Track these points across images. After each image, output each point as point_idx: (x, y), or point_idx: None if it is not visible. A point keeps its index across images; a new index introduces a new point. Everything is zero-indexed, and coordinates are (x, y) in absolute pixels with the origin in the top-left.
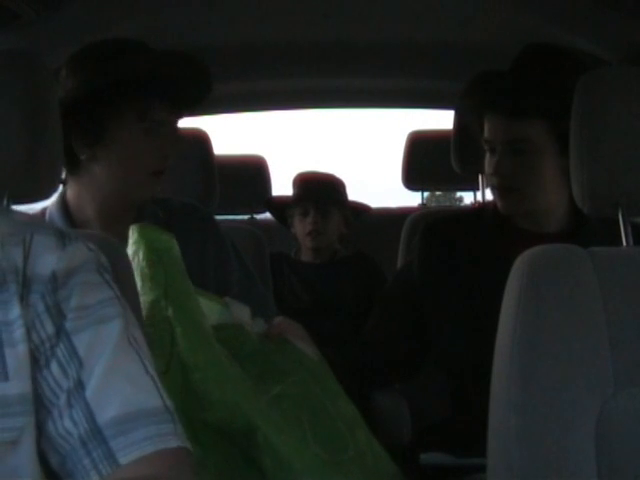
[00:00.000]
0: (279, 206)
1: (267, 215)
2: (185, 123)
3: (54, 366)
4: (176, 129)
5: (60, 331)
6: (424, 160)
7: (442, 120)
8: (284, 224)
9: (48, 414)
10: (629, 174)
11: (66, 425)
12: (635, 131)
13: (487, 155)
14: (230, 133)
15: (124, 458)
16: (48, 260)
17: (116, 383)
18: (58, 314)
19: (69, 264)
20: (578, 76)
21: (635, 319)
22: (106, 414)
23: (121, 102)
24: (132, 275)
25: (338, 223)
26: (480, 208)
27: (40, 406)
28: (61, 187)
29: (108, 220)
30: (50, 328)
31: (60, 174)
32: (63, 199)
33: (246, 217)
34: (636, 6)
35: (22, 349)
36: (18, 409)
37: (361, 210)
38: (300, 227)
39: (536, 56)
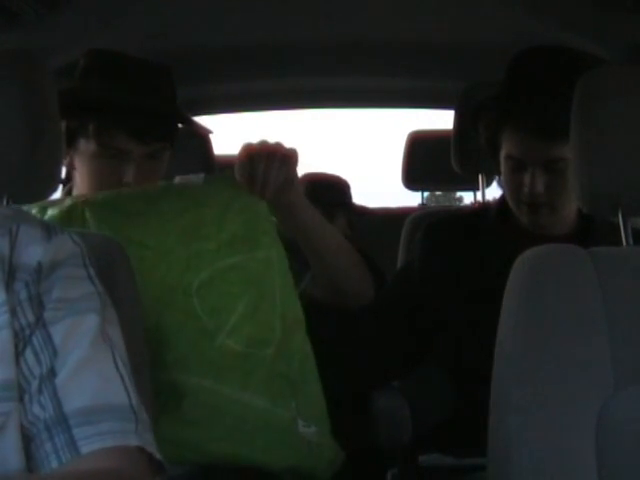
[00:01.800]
0: None
1: None
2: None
3: (28, 353)
4: (146, 159)
5: (39, 320)
6: (424, 160)
7: (442, 120)
8: None
9: (20, 401)
10: (629, 174)
11: (34, 410)
12: (635, 131)
13: (509, 170)
14: (230, 133)
15: (85, 447)
16: (34, 250)
17: (87, 376)
18: (39, 305)
19: (54, 257)
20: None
21: (635, 319)
22: (73, 404)
23: (86, 124)
24: (132, 275)
25: (342, 225)
26: (481, 208)
27: None
28: (60, 189)
29: None
30: (30, 316)
31: (60, 174)
32: (68, 194)
33: None
34: (636, 6)
35: (6, 334)
36: (3, 394)
37: (363, 212)
38: None
39: (557, 68)
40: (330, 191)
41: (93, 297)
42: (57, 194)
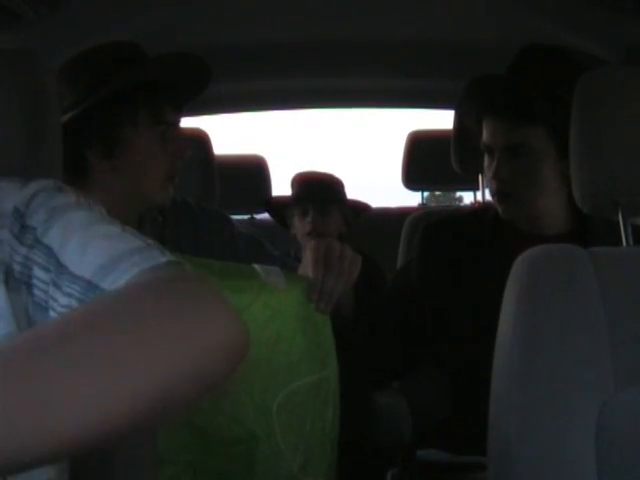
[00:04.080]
0: (278, 207)
1: (267, 215)
2: (185, 123)
3: (36, 270)
4: (181, 130)
5: (33, 243)
6: (424, 160)
7: (442, 120)
8: (284, 226)
9: (47, 310)
10: (629, 174)
11: (63, 302)
12: (635, 131)
13: (485, 159)
14: (230, 133)
15: (116, 285)
16: (10, 199)
17: (94, 245)
18: (27, 232)
19: (31, 192)
20: (578, 78)
21: (635, 319)
22: (90, 269)
23: (136, 108)
24: None
25: (338, 222)
26: (480, 209)
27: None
28: None
29: None
30: (23, 250)
31: (60, 174)
32: None
33: (246, 217)
34: (636, 6)
35: (1, 290)
36: None
37: (361, 209)
38: (300, 227)
39: (535, 59)
40: (324, 189)
41: (80, 204)
42: None
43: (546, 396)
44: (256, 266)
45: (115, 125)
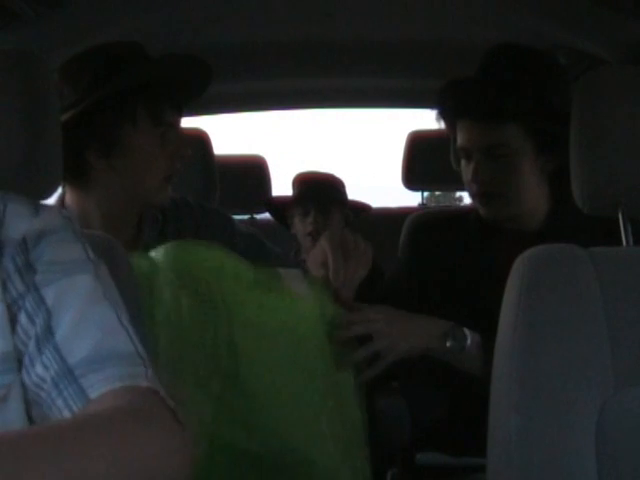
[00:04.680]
0: (279, 206)
1: (267, 215)
2: (185, 123)
3: (22, 317)
4: (181, 131)
5: (29, 285)
6: (424, 160)
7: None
8: (284, 225)
9: (21, 366)
10: (629, 174)
11: (38, 371)
12: (635, 131)
13: (462, 162)
14: (230, 133)
15: (94, 393)
16: (20, 226)
17: (87, 329)
18: (28, 271)
19: (41, 227)
20: (549, 74)
21: (635, 319)
22: (77, 355)
23: (136, 108)
24: (131, 275)
25: (339, 223)
26: (469, 208)
27: None
28: (59, 191)
29: (111, 227)
30: (20, 286)
31: (60, 174)
32: (61, 206)
33: (246, 217)
34: (636, 6)
35: (0, 309)
36: (3, 367)
37: (361, 209)
38: (301, 227)
39: (503, 57)
40: (325, 189)
41: (86, 263)
42: (56, 195)
43: (546, 396)
44: (280, 270)
45: (114, 125)
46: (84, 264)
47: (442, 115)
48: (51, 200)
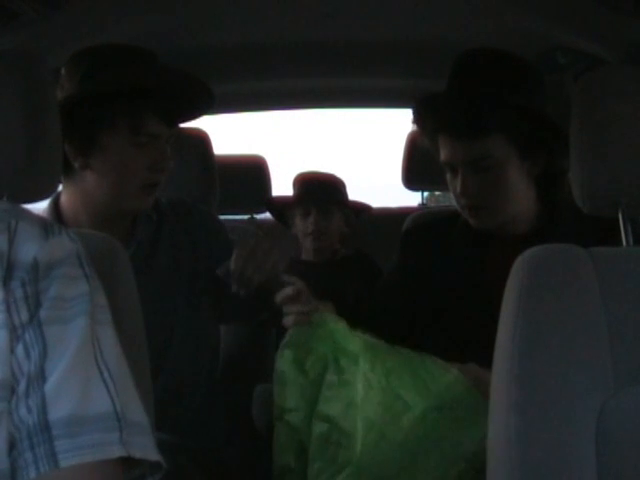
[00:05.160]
0: (279, 206)
1: (267, 215)
2: (185, 123)
3: (19, 348)
4: (170, 141)
5: (34, 317)
6: (424, 160)
7: None
8: (284, 224)
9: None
10: (629, 174)
11: (21, 413)
12: (635, 131)
13: (448, 176)
14: (230, 133)
15: (64, 461)
16: (31, 248)
17: (74, 383)
18: (35, 303)
19: (52, 256)
20: (522, 78)
21: (635, 319)
22: (58, 412)
23: (116, 113)
24: (131, 275)
25: (339, 223)
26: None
27: None
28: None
29: (102, 226)
30: (25, 315)
31: (60, 174)
32: (56, 204)
33: (246, 217)
34: (636, 6)
35: (3, 335)
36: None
37: (362, 209)
38: (301, 227)
39: (474, 66)
40: (326, 189)
41: (86, 299)
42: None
43: (546, 396)
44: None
45: (91, 124)
46: (84, 301)
47: (421, 131)
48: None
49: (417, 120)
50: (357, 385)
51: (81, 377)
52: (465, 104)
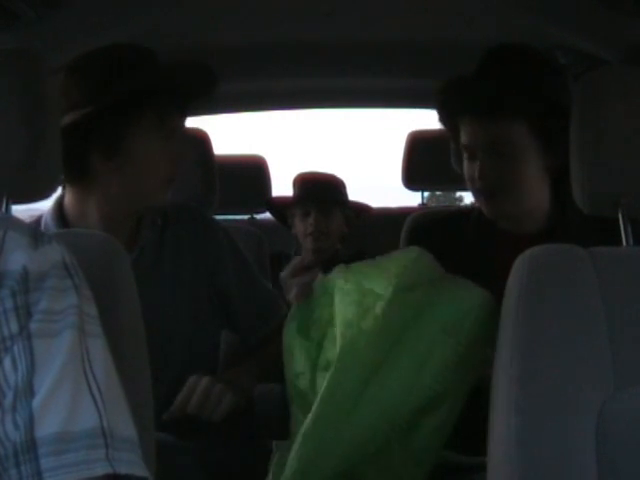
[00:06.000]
0: (279, 206)
1: (267, 215)
2: (185, 123)
3: (7, 361)
4: (182, 133)
5: (23, 329)
6: (424, 160)
7: None
8: (284, 224)
9: None
10: (629, 174)
11: (7, 428)
12: (635, 131)
13: (465, 161)
14: (230, 133)
15: (49, 476)
16: (20, 257)
17: (61, 399)
18: (26, 315)
19: (42, 267)
20: (547, 70)
21: (635, 319)
22: (45, 429)
23: (140, 112)
24: (130, 275)
25: (340, 223)
26: (468, 208)
27: None
28: (58, 192)
29: (108, 228)
30: (14, 327)
31: (60, 174)
32: (60, 206)
33: (246, 217)
34: (636, 6)
35: None
36: None
37: (362, 209)
38: (302, 228)
39: (502, 55)
40: (326, 189)
41: (74, 310)
42: (55, 195)
43: (546, 396)
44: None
45: (120, 129)
46: (72, 314)
47: (443, 114)
48: (51, 200)
49: (440, 102)
50: (335, 298)
51: (69, 392)
52: (491, 85)
